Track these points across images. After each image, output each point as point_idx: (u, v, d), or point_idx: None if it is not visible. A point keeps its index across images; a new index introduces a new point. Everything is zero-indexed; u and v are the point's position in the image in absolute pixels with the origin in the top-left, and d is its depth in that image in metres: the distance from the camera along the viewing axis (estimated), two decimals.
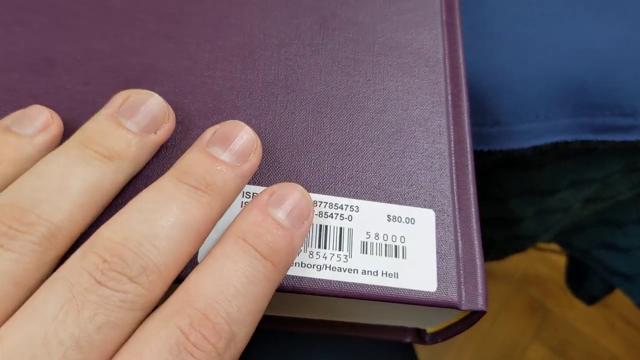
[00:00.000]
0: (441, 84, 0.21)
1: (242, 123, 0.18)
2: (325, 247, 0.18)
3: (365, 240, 0.18)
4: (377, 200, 0.19)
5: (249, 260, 0.15)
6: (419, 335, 0.21)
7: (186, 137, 0.19)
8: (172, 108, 0.19)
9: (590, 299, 0.57)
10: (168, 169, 0.17)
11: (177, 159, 0.18)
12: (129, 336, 0.15)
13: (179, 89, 0.19)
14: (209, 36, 0.20)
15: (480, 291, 0.18)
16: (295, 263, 0.17)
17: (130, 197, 0.16)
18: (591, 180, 0.34)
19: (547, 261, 1.07)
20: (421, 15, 0.22)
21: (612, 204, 0.39)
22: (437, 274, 0.18)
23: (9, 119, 0.17)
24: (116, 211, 0.16)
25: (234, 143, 0.17)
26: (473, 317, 0.18)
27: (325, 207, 0.18)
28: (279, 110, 0.20)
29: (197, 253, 0.17)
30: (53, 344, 0.13)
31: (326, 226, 0.18)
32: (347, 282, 0.17)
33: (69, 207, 0.15)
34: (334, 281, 0.17)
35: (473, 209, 0.19)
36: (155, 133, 0.17)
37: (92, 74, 0.19)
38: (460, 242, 0.18)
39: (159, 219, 0.15)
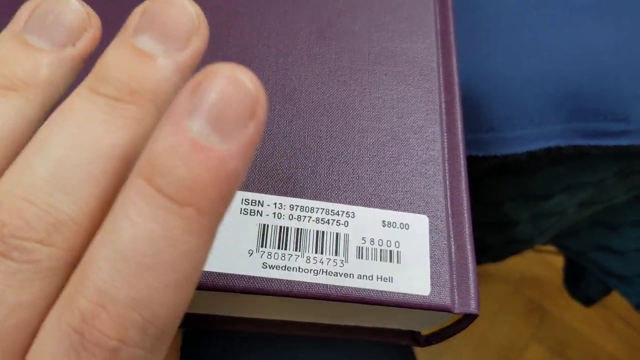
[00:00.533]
0: (435, 92, 0.22)
1: None
2: (322, 253, 0.18)
3: (361, 245, 0.18)
4: (372, 207, 0.19)
5: (156, 214, 0.11)
6: (414, 337, 0.22)
7: None
8: None
9: (588, 301, 0.58)
10: None
11: None
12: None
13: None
14: (208, 47, 0.21)
15: (472, 295, 0.18)
16: (293, 267, 0.18)
17: None
18: (585, 184, 0.35)
19: (545, 262, 1.07)
20: (416, 24, 0.23)
21: (606, 207, 0.40)
22: (431, 278, 0.18)
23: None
24: None
25: (167, 26, 0.13)
26: (466, 320, 0.19)
27: (321, 213, 0.19)
28: (276, 118, 0.20)
29: None
30: None
31: (323, 232, 0.18)
32: (343, 287, 0.18)
33: None
34: (330, 285, 0.18)
35: (466, 215, 0.20)
36: (74, 45, 0.14)
37: None
38: (453, 246, 0.19)
39: (70, 154, 0.12)
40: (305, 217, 0.19)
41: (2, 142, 0.13)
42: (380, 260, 0.18)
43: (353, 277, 0.18)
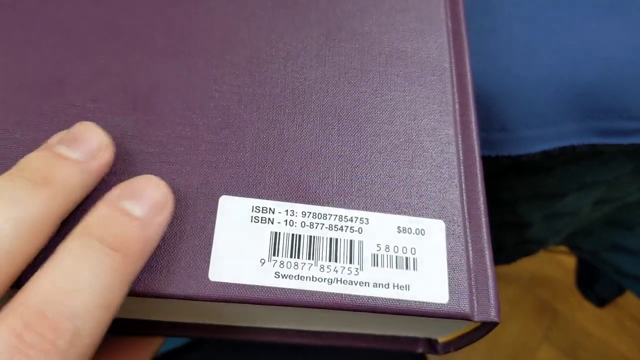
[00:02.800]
0: (448, 92, 0.21)
1: (93, 125, 0.17)
2: (336, 261, 0.18)
3: (376, 252, 0.18)
4: (387, 212, 0.18)
5: (94, 254, 0.15)
6: (431, 345, 0.21)
7: (195, 152, 0.19)
8: (181, 124, 0.19)
9: (600, 302, 0.57)
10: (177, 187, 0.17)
11: (186, 175, 0.18)
12: None
13: (187, 104, 0.19)
14: (217, 51, 0.20)
15: (492, 302, 0.18)
16: (307, 277, 0.17)
17: None
18: (600, 183, 0.34)
19: (556, 262, 1.06)
20: (427, 23, 0.22)
21: (621, 206, 0.39)
22: (449, 285, 0.18)
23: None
24: None
25: (82, 142, 0.17)
26: (485, 327, 0.18)
27: (334, 219, 0.18)
28: (286, 122, 0.20)
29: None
30: None
31: (336, 239, 0.18)
32: (359, 296, 0.17)
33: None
34: (345, 295, 0.17)
35: (483, 219, 0.19)
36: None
37: (101, 91, 0.19)
38: (471, 252, 0.18)
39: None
40: (318, 224, 0.18)
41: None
42: (396, 267, 0.18)
43: (368, 286, 0.17)
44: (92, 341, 0.14)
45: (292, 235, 0.18)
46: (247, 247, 0.17)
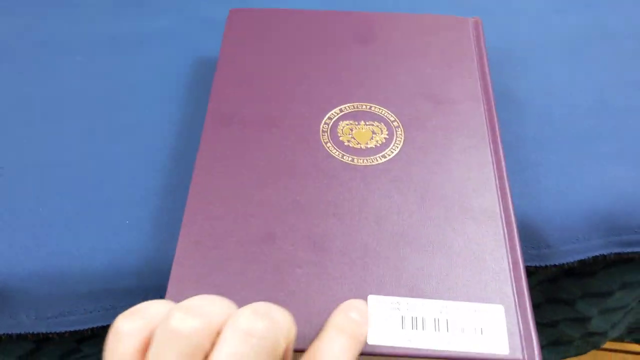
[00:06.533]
0: (499, 228, 0.34)
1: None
2: (439, 331, 0.30)
3: (462, 326, 0.30)
4: (467, 301, 0.31)
5: (345, 340, 0.28)
6: None
7: (351, 272, 0.33)
8: (344, 256, 0.33)
9: None
10: None
11: (349, 286, 0.32)
12: None
13: (345, 247, 0.34)
14: (359, 215, 0.35)
15: (536, 352, 0.29)
16: (422, 340, 0.30)
17: None
18: (638, 283, 0.45)
19: None
20: (482, 184, 0.36)
21: None
22: (508, 342, 0.30)
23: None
24: None
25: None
26: None
27: (435, 306, 0.31)
28: (401, 252, 0.33)
29: None
30: None
31: (438, 319, 0.31)
32: (452, 350, 0.30)
33: None
34: (444, 350, 0.30)
35: (527, 303, 0.31)
36: None
37: (299, 241, 0.34)
38: (520, 322, 0.30)
39: None
40: (426, 310, 0.31)
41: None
42: (475, 333, 0.30)
43: (459, 344, 0.30)
44: None
45: (411, 317, 0.31)
46: (388, 323, 0.30)
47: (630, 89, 0.48)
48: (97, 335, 0.40)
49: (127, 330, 0.24)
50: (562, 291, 0.46)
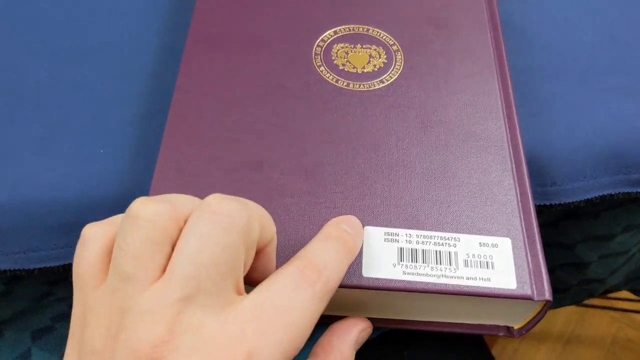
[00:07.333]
0: (507, 157, 0.31)
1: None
2: (440, 264, 0.28)
3: (466, 258, 0.28)
4: (472, 234, 0.29)
5: (336, 245, 0.26)
6: (509, 330, 0.31)
7: (345, 201, 0.30)
8: (336, 186, 0.30)
9: None
10: None
11: (344, 213, 0.29)
12: None
13: (337, 172, 0.31)
14: (354, 142, 0.32)
15: (546, 287, 0.27)
16: (422, 274, 0.27)
17: None
18: None
19: (637, 323, 1.08)
20: (489, 112, 0.33)
21: None
22: (516, 278, 0.27)
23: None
24: None
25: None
26: (542, 310, 0.28)
27: (438, 239, 0.29)
28: (401, 181, 0.31)
29: None
30: None
31: (440, 251, 0.28)
32: (456, 284, 0.27)
33: None
34: (448, 284, 0.27)
35: (536, 237, 0.29)
36: None
37: (290, 169, 0.31)
38: (529, 256, 0.28)
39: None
40: (427, 242, 0.28)
41: None
42: (480, 267, 0.28)
43: (462, 279, 0.27)
44: (333, 288, 0.23)
45: (411, 249, 0.28)
46: (383, 256, 0.28)
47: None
48: (71, 277, 0.37)
49: (91, 234, 0.22)
50: (562, 235, 0.44)
